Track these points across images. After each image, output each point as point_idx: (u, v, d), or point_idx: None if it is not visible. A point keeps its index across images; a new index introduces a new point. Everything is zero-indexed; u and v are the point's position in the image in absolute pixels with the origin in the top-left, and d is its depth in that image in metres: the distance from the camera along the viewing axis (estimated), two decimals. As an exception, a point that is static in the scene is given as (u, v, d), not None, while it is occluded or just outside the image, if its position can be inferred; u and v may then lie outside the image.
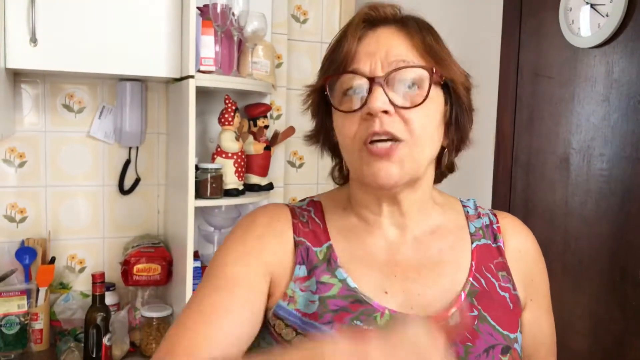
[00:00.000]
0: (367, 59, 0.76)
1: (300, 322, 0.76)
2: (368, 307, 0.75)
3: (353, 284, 0.77)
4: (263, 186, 1.97)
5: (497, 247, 0.85)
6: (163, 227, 2.08)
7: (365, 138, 0.74)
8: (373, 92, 0.73)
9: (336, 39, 0.81)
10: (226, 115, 1.82)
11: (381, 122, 0.73)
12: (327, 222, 0.84)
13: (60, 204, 1.95)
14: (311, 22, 2.30)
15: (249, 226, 0.82)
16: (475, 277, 0.81)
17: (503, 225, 0.88)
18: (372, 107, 0.72)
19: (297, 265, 0.79)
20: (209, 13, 1.72)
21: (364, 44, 0.77)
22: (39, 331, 1.79)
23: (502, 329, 0.78)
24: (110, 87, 1.98)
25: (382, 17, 0.79)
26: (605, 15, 1.46)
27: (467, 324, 0.77)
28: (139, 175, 2.03)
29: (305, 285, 0.78)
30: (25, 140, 1.90)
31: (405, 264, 0.80)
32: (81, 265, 1.99)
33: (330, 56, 0.80)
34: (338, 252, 0.80)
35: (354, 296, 0.76)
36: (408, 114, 0.74)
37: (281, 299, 0.78)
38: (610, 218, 1.49)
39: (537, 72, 1.73)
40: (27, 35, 1.60)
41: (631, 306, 1.43)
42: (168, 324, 1.83)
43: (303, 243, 0.81)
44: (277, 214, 0.84)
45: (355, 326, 0.74)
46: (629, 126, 1.44)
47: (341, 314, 0.75)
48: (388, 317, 0.75)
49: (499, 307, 0.80)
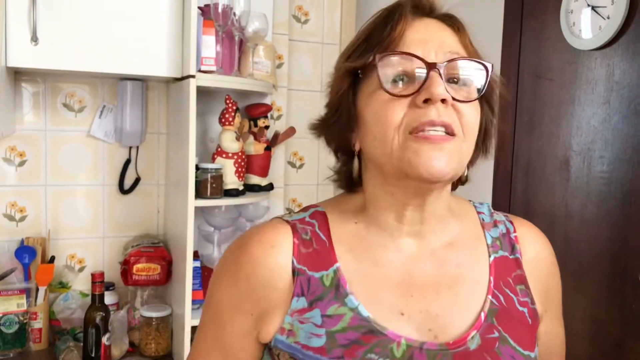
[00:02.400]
0: (419, 45, 0.70)
1: (301, 355, 0.71)
2: (382, 337, 0.70)
3: (366, 313, 0.71)
4: (263, 186, 1.97)
5: (514, 258, 0.81)
6: (163, 227, 2.08)
7: (415, 127, 0.68)
8: (432, 79, 0.68)
9: (377, 20, 0.75)
10: (227, 115, 1.82)
11: (439, 112, 0.68)
12: (333, 238, 0.77)
13: (60, 203, 1.95)
14: (312, 23, 2.30)
15: (240, 261, 0.76)
16: (494, 294, 0.77)
17: (520, 234, 0.84)
18: (434, 93, 0.67)
19: (295, 298, 0.72)
20: (210, 13, 1.72)
21: (413, 31, 0.72)
22: (38, 330, 1.79)
23: (523, 350, 0.75)
24: (110, 87, 1.98)
25: (430, 7, 0.75)
26: (606, 17, 1.46)
27: (487, 347, 0.73)
28: (139, 175, 2.03)
29: (305, 318, 0.72)
30: (26, 139, 1.90)
31: (422, 283, 0.75)
32: (81, 265, 1.99)
33: (372, 36, 0.73)
34: (347, 274, 0.74)
35: (367, 327, 0.70)
36: (462, 107, 0.70)
37: (279, 334, 0.73)
38: (610, 221, 1.49)
39: (537, 74, 1.73)
40: (28, 34, 1.60)
41: (631, 309, 1.43)
42: (167, 324, 1.84)
43: (304, 272, 0.73)
44: (272, 239, 0.75)
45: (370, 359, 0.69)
46: (629, 129, 1.44)
47: (353, 347, 0.69)
48: (405, 348, 0.70)
49: (519, 325, 0.76)
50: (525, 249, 0.82)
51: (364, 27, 0.76)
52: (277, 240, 0.75)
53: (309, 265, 0.74)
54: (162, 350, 1.83)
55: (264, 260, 0.74)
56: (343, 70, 0.75)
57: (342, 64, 0.76)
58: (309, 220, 0.79)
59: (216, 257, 1.88)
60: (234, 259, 0.78)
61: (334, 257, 0.75)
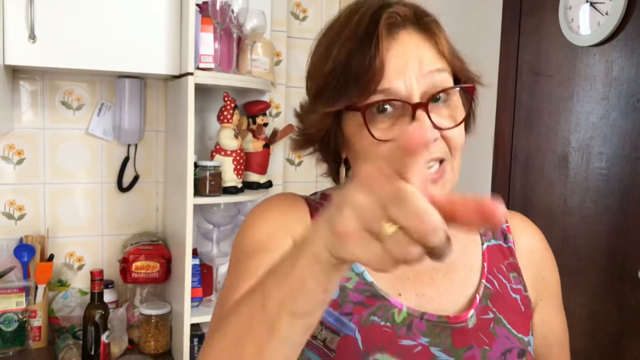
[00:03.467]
0: (400, 74, 0.69)
1: None
2: (385, 302, 0.74)
3: (370, 278, 0.75)
4: (262, 184, 1.97)
5: (507, 247, 0.84)
6: (162, 225, 2.08)
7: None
8: (417, 120, 0.67)
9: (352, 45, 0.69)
10: (225, 113, 1.81)
11: (429, 152, 0.68)
12: None
13: (58, 201, 1.95)
14: (310, 20, 2.29)
15: (271, 205, 0.80)
16: (488, 279, 0.80)
17: (512, 224, 0.86)
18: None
19: None
20: (208, 10, 1.72)
21: (392, 56, 0.69)
22: (38, 328, 1.79)
23: (517, 332, 0.77)
24: (109, 84, 1.97)
25: (404, 19, 0.71)
26: (605, 13, 1.46)
27: (483, 326, 0.75)
28: (137, 173, 2.03)
29: None
30: (24, 137, 1.89)
31: (418, 268, 0.77)
32: (80, 263, 1.99)
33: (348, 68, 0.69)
34: None
35: (371, 290, 0.74)
36: (449, 132, 0.70)
37: None
38: (609, 217, 1.49)
39: (536, 71, 1.73)
40: (25, 32, 1.59)
41: (629, 305, 1.43)
42: (166, 322, 1.84)
43: None
44: (294, 201, 0.82)
45: (373, 322, 0.72)
46: (628, 125, 1.44)
47: (359, 307, 0.73)
48: (406, 315, 0.73)
49: (512, 309, 0.79)
50: (518, 239, 0.85)
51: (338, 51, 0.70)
52: (297, 203, 0.81)
53: None
54: (162, 347, 1.83)
55: (292, 210, 0.79)
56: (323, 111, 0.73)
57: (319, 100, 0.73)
58: (319, 200, 0.83)
59: (215, 255, 1.88)
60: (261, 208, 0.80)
61: None
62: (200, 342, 1.79)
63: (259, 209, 0.80)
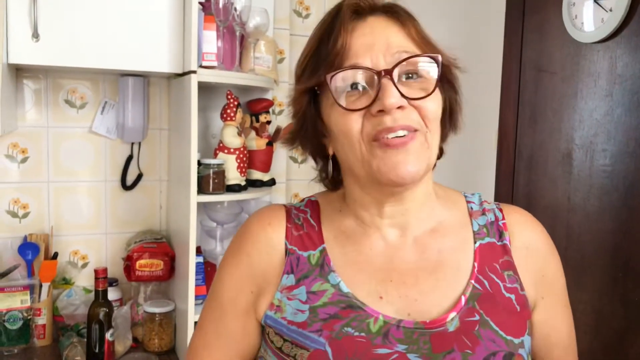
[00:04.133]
0: (367, 52, 0.72)
1: (286, 330, 0.76)
2: (361, 312, 0.74)
3: (346, 289, 0.76)
4: (265, 182, 1.97)
5: (502, 245, 0.82)
6: (165, 223, 2.08)
7: (375, 134, 0.71)
8: (384, 88, 0.70)
9: (321, 31, 0.76)
10: (228, 111, 1.82)
11: (394, 118, 0.70)
12: (322, 224, 0.83)
13: (62, 199, 1.95)
14: (313, 17, 2.29)
15: (241, 241, 0.83)
16: (478, 279, 0.78)
17: (510, 221, 0.84)
18: (387, 104, 0.70)
19: (285, 275, 0.78)
20: (211, 8, 1.72)
21: (358, 36, 0.74)
22: (42, 326, 1.79)
23: (506, 334, 0.75)
24: (112, 83, 1.97)
25: (370, 6, 0.76)
26: (608, 10, 1.45)
27: (466, 329, 0.73)
28: (141, 171, 2.03)
29: (293, 294, 0.77)
30: (28, 136, 1.90)
31: (403, 268, 0.78)
32: (84, 261, 1.99)
33: (319, 51, 0.76)
34: (332, 256, 0.79)
35: (347, 301, 0.75)
36: (421, 102, 0.72)
37: (268, 309, 0.78)
38: (612, 214, 1.49)
39: (539, 68, 1.72)
40: (29, 31, 1.60)
41: (633, 302, 1.43)
42: (170, 320, 1.84)
43: (294, 252, 0.79)
44: (269, 218, 0.83)
45: (346, 333, 0.72)
46: (632, 121, 1.43)
47: (332, 321, 0.73)
48: (382, 324, 0.73)
49: (503, 310, 0.76)
50: (515, 236, 0.83)
51: (310, 40, 0.78)
52: (273, 220, 0.83)
53: (299, 246, 0.80)
54: (166, 345, 1.83)
55: (262, 235, 0.81)
56: (299, 90, 0.79)
57: (296, 83, 0.81)
58: (304, 208, 0.86)
59: (219, 253, 1.88)
60: (236, 241, 0.85)
61: (322, 239, 0.81)
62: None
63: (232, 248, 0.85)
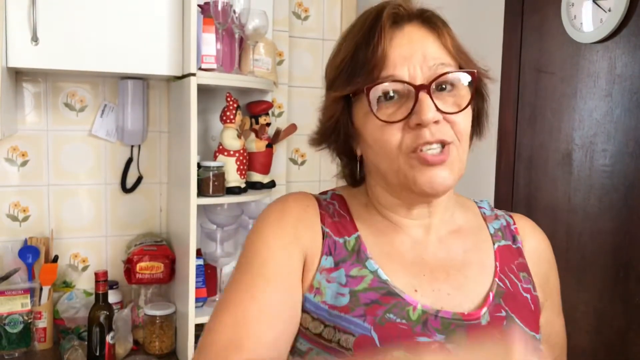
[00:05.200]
0: (404, 63, 0.73)
1: (327, 314, 0.74)
2: (400, 300, 0.75)
3: (385, 276, 0.76)
4: (265, 184, 1.97)
5: (517, 248, 0.86)
6: (166, 225, 2.08)
7: (415, 147, 0.73)
8: (421, 102, 0.71)
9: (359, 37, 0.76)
10: (228, 113, 1.82)
11: (432, 132, 0.72)
12: (353, 215, 0.83)
13: (62, 202, 1.95)
14: (312, 19, 2.29)
15: (283, 212, 0.81)
16: (501, 277, 0.81)
17: (520, 226, 0.89)
18: (424, 119, 0.71)
19: (324, 256, 0.78)
20: (210, 11, 1.72)
21: (396, 46, 0.74)
22: (43, 330, 1.79)
23: (530, 330, 0.79)
24: (111, 86, 1.98)
25: (408, 14, 0.76)
26: (607, 10, 1.45)
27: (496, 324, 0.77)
28: (141, 174, 2.03)
29: (332, 277, 0.76)
30: (27, 139, 1.90)
31: (433, 264, 0.80)
32: (84, 264, 1.99)
33: (356, 57, 0.75)
34: (367, 244, 0.80)
35: (386, 288, 0.75)
36: (455, 117, 0.74)
37: (307, 291, 0.76)
38: (613, 214, 1.49)
39: (539, 68, 1.72)
40: (28, 34, 1.60)
41: (634, 302, 1.43)
42: (171, 322, 1.84)
43: (330, 235, 0.80)
44: (306, 203, 0.83)
45: (389, 319, 0.73)
46: (632, 122, 1.43)
47: (374, 306, 0.74)
48: (420, 312, 0.74)
49: (524, 308, 0.81)
50: (526, 241, 0.88)
51: (345, 42, 0.78)
52: (310, 203, 0.83)
53: (334, 232, 0.80)
54: (166, 348, 1.83)
55: (304, 215, 0.81)
56: (333, 97, 0.78)
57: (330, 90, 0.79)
58: (330, 200, 0.86)
59: (219, 255, 1.88)
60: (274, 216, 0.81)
61: (355, 228, 0.81)
62: (205, 342, 1.79)
63: (272, 216, 0.81)
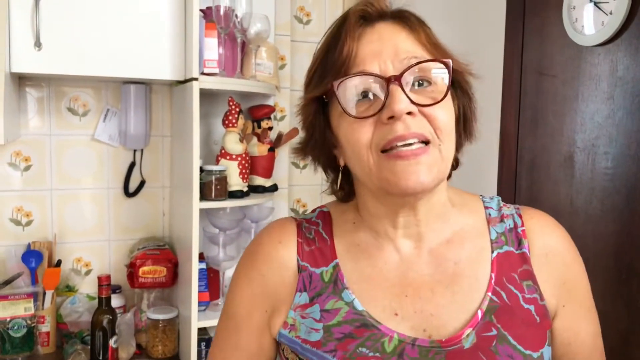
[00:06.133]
0: (374, 59, 0.70)
1: (301, 349, 0.75)
2: (375, 331, 0.71)
3: (361, 307, 0.73)
4: (267, 187, 1.98)
5: (521, 253, 0.78)
6: (168, 229, 2.09)
7: (385, 144, 0.68)
8: (392, 94, 0.67)
9: (328, 39, 0.74)
10: (230, 117, 1.82)
11: (406, 125, 0.67)
12: (335, 237, 0.80)
13: (65, 207, 1.96)
14: (314, 23, 2.30)
15: (252, 257, 0.82)
16: (495, 290, 0.74)
17: (529, 227, 0.80)
18: (396, 110, 0.66)
19: (298, 293, 0.77)
20: (212, 15, 1.73)
21: (366, 42, 0.71)
22: (46, 334, 1.79)
23: (524, 349, 0.72)
24: (114, 90, 1.98)
25: (379, 12, 0.73)
26: (609, 13, 1.46)
27: (483, 345, 0.71)
28: (143, 178, 2.04)
29: (307, 313, 0.75)
30: (30, 144, 1.90)
31: (418, 282, 0.75)
32: (87, 268, 1.99)
33: (326, 59, 0.73)
34: (345, 272, 0.76)
35: (361, 320, 0.72)
36: (432, 111, 0.69)
37: (282, 328, 0.77)
38: (615, 216, 1.49)
39: (540, 71, 1.72)
40: (31, 40, 1.60)
41: (637, 304, 1.43)
42: (174, 326, 1.84)
43: (306, 269, 0.77)
44: (280, 236, 0.81)
45: (361, 354, 0.70)
46: (633, 124, 1.43)
47: (346, 341, 0.72)
48: (397, 343, 0.71)
49: (522, 322, 0.73)
50: (534, 242, 0.79)
51: (318, 48, 0.76)
52: (284, 237, 0.81)
53: (311, 262, 0.78)
54: (169, 352, 1.83)
55: (274, 254, 0.80)
56: (306, 99, 0.76)
57: (304, 92, 0.78)
58: (315, 220, 0.83)
59: (222, 259, 1.88)
60: (248, 258, 0.83)
61: (334, 254, 0.78)
62: (207, 345, 1.80)
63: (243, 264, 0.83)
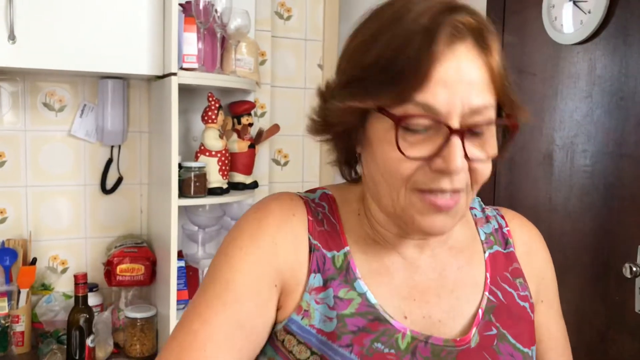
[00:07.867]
0: (445, 92, 0.61)
1: (316, 340, 0.68)
2: (388, 327, 0.69)
3: (374, 300, 0.70)
4: (248, 184, 1.96)
5: (508, 252, 0.80)
6: (146, 227, 2.06)
7: (424, 189, 0.64)
8: (451, 147, 0.61)
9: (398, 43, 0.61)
10: (209, 113, 1.80)
11: (452, 180, 0.63)
12: (342, 224, 0.75)
13: (41, 204, 1.92)
14: (295, 19, 2.28)
15: (260, 224, 0.71)
16: (492, 290, 0.75)
17: (512, 227, 0.82)
18: (452, 169, 0.61)
19: (312, 274, 0.70)
20: (192, 10, 1.71)
21: (443, 69, 0.60)
22: (21, 333, 1.76)
23: (523, 347, 0.73)
24: (91, 85, 1.95)
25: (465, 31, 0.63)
26: (587, 12, 1.47)
27: (486, 344, 0.71)
28: (121, 175, 2.01)
29: (321, 298, 0.69)
30: (5, 140, 1.86)
31: (424, 286, 0.74)
32: (63, 266, 1.96)
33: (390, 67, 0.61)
34: (356, 261, 0.72)
35: (374, 313, 0.69)
36: (478, 164, 0.65)
37: (295, 313, 0.69)
38: (593, 214, 1.50)
39: (520, 69, 1.73)
40: (5, 33, 1.57)
41: (614, 301, 1.44)
42: (152, 325, 1.82)
43: (319, 248, 0.71)
44: (292, 208, 0.73)
45: (377, 349, 0.68)
46: (611, 122, 1.45)
47: (361, 335, 0.68)
48: (410, 340, 0.69)
49: (519, 320, 0.75)
50: (517, 242, 0.82)
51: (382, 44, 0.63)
52: (296, 210, 0.73)
53: (322, 244, 0.72)
54: (147, 351, 1.81)
55: (289, 224, 0.71)
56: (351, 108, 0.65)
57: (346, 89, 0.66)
58: (319, 201, 0.76)
59: (201, 257, 1.86)
60: (252, 223, 0.72)
61: (345, 241, 0.73)
62: (186, 344, 1.78)
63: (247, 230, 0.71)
